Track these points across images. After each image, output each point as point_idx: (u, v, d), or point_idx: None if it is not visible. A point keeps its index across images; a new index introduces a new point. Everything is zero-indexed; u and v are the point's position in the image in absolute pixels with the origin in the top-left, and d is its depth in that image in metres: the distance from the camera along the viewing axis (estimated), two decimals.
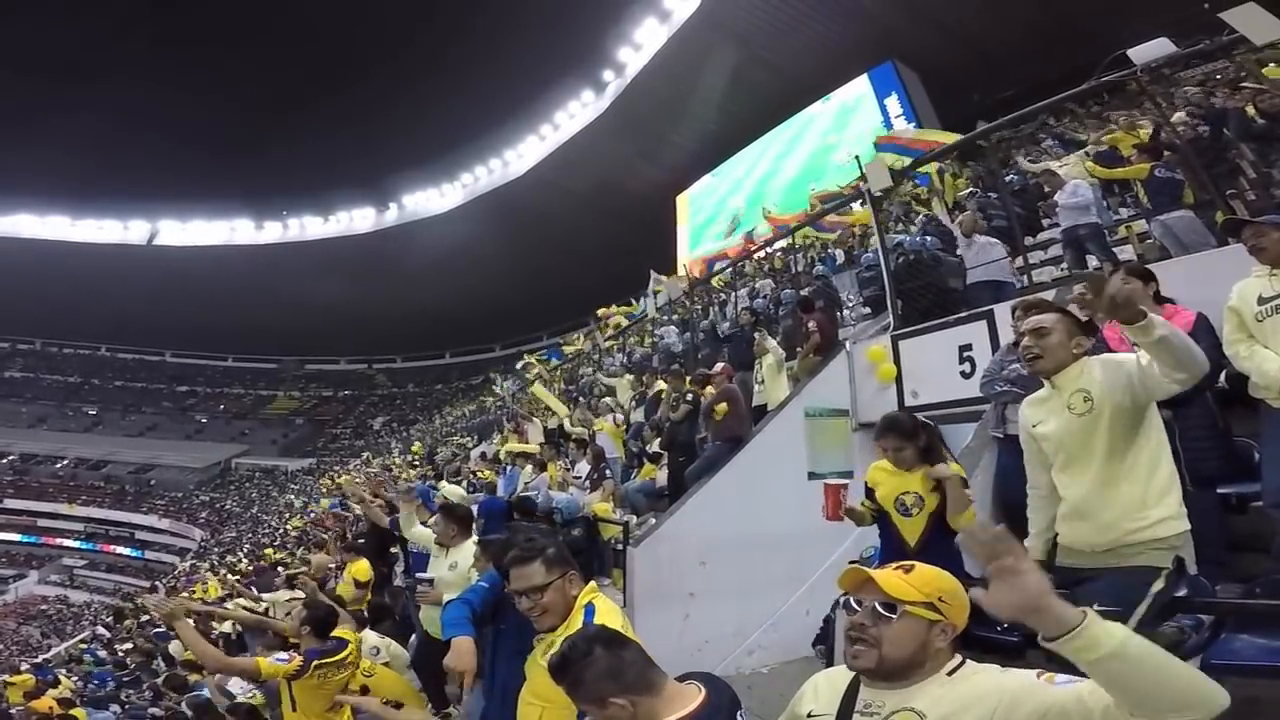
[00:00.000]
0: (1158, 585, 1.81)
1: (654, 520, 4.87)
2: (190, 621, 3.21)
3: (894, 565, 1.29)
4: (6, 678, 12.47)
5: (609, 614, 1.87)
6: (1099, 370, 1.96)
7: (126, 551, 37.32)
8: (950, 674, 1.19)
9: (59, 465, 42.32)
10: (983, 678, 1.17)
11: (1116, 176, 5.69)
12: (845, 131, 25.14)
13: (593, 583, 1.98)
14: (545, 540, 2.02)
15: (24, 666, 14.28)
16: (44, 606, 32.63)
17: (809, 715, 1.31)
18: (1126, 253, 5.75)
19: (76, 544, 38.13)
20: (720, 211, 30.63)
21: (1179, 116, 5.41)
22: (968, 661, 1.22)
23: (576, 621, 1.82)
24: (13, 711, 9.47)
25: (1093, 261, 5.35)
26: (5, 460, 41.90)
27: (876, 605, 1.22)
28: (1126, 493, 1.91)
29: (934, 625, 1.20)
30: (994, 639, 2.00)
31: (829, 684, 1.34)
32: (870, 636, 1.21)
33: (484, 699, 2.31)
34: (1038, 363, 2.05)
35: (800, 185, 24.31)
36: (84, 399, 48.82)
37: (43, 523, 38.59)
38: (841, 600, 1.28)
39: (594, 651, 1.31)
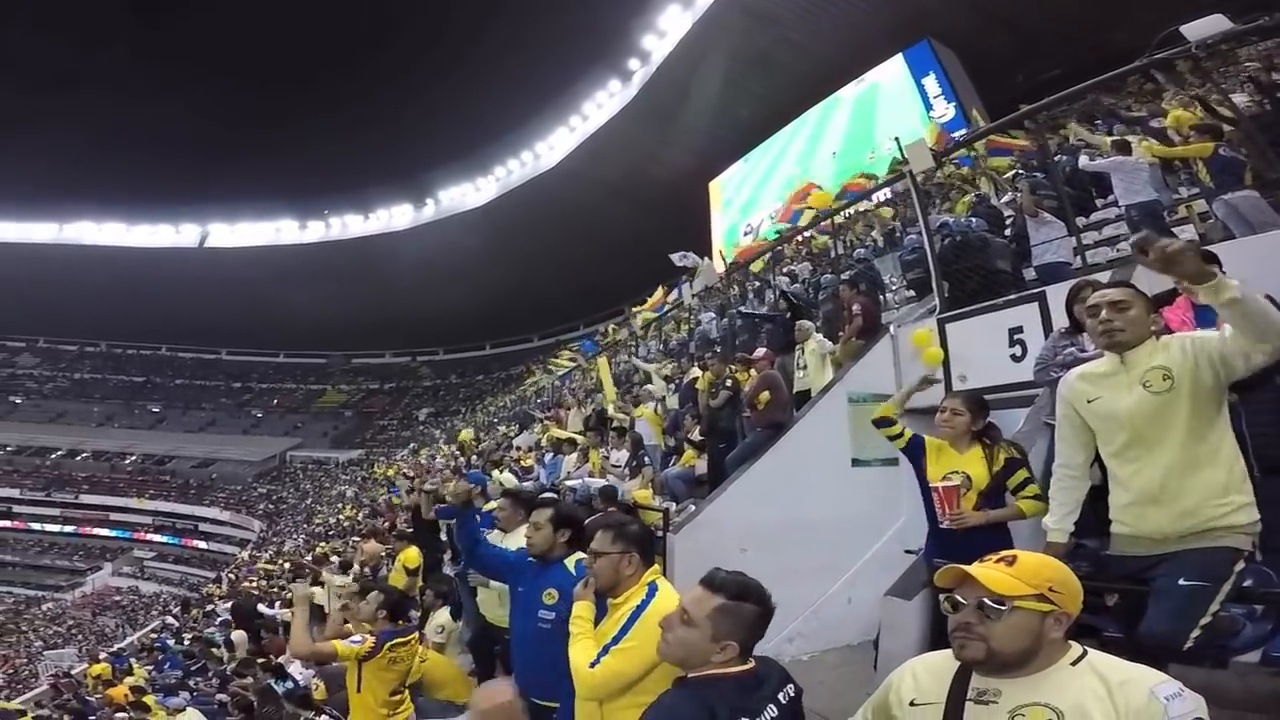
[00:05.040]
0: (1240, 566, 1.78)
1: (694, 507, 4.89)
2: (307, 609, 3.43)
3: (995, 558, 1.23)
4: (86, 666, 13.30)
5: (668, 596, 1.95)
6: (1178, 347, 1.85)
7: (198, 544, 38.94)
8: (1074, 664, 1.15)
9: (128, 461, 44.47)
10: (1112, 672, 1.11)
11: (1177, 155, 5.41)
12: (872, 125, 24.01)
13: (655, 565, 2.06)
14: (630, 521, 2.17)
15: (102, 656, 15.21)
16: (117, 597, 34.33)
17: (912, 704, 1.25)
18: (1188, 232, 5.50)
19: (163, 539, 39.61)
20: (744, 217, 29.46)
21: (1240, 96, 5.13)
22: (1090, 652, 1.17)
23: (638, 597, 1.96)
24: (91, 698, 10.08)
25: None
26: (79, 457, 44.27)
27: (984, 601, 1.16)
28: (1210, 477, 1.81)
29: (1047, 616, 1.15)
30: None
31: (929, 671, 1.27)
32: (977, 635, 1.16)
33: None
34: (1119, 335, 1.92)
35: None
36: (148, 397, 51.15)
37: (115, 516, 40.51)
38: (942, 598, 1.22)
39: (762, 602, 1.56)
